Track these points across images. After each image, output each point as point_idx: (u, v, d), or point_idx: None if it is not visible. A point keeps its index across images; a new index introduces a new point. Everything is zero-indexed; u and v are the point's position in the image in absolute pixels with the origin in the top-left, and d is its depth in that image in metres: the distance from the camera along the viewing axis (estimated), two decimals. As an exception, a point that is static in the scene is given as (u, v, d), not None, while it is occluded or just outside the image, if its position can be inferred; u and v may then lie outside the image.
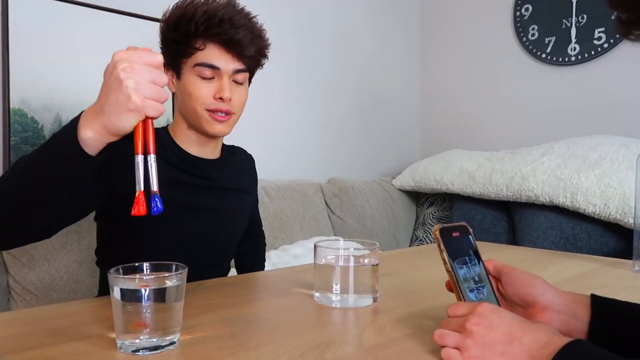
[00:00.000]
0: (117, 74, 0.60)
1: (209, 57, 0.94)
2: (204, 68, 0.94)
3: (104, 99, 0.61)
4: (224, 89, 0.95)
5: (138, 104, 0.60)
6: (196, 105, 0.96)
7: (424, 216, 2.44)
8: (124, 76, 0.60)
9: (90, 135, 0.63)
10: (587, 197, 1.74)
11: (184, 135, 1.02)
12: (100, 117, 0.62)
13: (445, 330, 0.55)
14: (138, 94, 0.60)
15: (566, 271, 1.07)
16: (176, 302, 0.61)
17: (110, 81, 0.61)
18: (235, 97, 0.97)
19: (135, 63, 0.61)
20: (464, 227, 0.64)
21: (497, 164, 2.07)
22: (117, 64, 0.61)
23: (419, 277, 1.01)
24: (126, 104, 0.60)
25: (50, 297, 1.34)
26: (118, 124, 0.61)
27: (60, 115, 1.57)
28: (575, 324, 0.58)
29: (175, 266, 0.63)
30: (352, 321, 0.73)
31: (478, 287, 0.61)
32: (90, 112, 0.64)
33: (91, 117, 0.63)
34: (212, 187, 1.04)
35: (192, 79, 0.96)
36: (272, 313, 0.76)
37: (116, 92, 0.60)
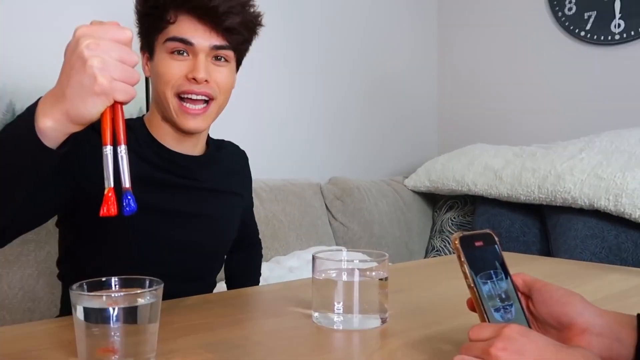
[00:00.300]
0: (80, 52, 0.59)
1: (180, 30, 0.93)
2: (176, 43, 0.93)
3: (65, 82, 0.61)
4: (197, 67, 0.93)
5: (105, 86, 0.60)
6: (165, 88, 0.95)
7: (441, 222, 2.44)
8: (88, 54, 0.59)
9: (49, 124, 0.63)
10: (633, 199, 1.75)
11: (160, 128, 1.01)
12: (61, 103, 0.62)
13: (467, 356, 0.55)
14: (105, 75, 0.59)
15: (608, 287, 1.07)
16: (150, 324, 0.61)
17: (72, 60, 0.60)
18: (215, 78, 0.96)
19: (100, 39, 0.60)
20: (489, 235, 0.64)
21: (528, 161, 2.07)
22: (80, 40, 0.60)
23: (435, 294, 1.02)
24: (91, 86, 0.60)
25: (2, 317, 1.34)
26: (83, 110, 0.61)
27: (13, 103, 1.57)
28: (618, 349, 0.58)
29: (149, 281, 0.63)
30: (357, 346, 0.73)
31: (505, 306, 0.61)
32: (49, 98, 0.63)
33: (51, 104, 0.63)
34: (194, 187, 1.04)
35: (163, 58, 0.95)
36: (263, 336, 0.76)
37: (80, 72, 0.60)
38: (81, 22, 0.63)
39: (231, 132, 1.21)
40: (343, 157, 2.51)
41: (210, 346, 0.70)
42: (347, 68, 2.51)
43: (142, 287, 0.63)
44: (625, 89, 2.27)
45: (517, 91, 2.61)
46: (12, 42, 1.56)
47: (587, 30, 2.37)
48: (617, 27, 2.28)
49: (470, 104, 2.79)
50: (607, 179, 1.82)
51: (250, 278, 1.31)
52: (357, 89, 2.56)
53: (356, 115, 2.57)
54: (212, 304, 0.92)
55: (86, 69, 0.59)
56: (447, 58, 2.87)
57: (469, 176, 2.24)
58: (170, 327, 0.77)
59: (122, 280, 0.64)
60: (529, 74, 2.57)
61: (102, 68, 0.59)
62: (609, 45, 2.31)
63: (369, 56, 2.60)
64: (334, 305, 0.78)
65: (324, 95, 2.44)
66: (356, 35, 2.54)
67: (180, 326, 0.78)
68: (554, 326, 0.62)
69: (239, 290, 1.08)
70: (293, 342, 0.74)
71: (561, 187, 1.91)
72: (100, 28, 0.61)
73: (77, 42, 0.60)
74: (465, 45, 2.80)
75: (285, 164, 2.29)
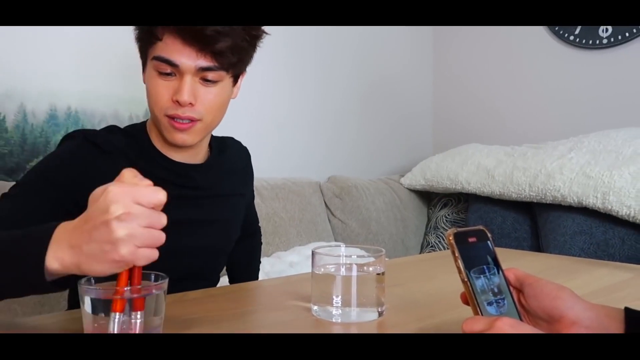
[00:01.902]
0: (107, 220, 0.54)
1: (166, 50, 0.87)
2: (162, 63, 0.88)
3: (85, 237, 0.56)
4: (181, 90, 0.87)
5: (127, 258, 0.55)
6: (154, 107, 0.91)
7: (436, 219, 2.44)
8: (116, 226, 0.54)
9: (55, 266, 0.58)
10: (620, 197, 1.74)
11: (158, 137, 0.98)
12: (75, 255, 0.57)
13: (460, 348, 0.55)
14: (129, 246, 0.55)
15: (596, 281, 1.07)
16: (155, 317, 0.60)
17: (97, 221, 0.55)
18: (202, 100, 0.90)
19: (132, 207, 0.55)
20: (481, 231, 0.64)
21: (519, 161, 2.07)
22: (111, 207, 0.55)
23: (430, 288, 1.01)
24: (112, 254, 0.55)
25: (14, 311, 1.34)
26: (96, 269, 0.57)
27: (24, 104, 1.56)
28: (607, 341, 0.58)
29: (155, 275, 0.63)
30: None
31: (497, 300, 0.61)
32: (63, 243, 0.58)
33: (64, 250, 0.58)
34: (199, 197, 1.01)
35: (152, 76, 0.91)
36: (264, 329, 0.76)
37: (103, 238, 0.55)
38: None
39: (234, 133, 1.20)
40: (341, 157, 2.51)
41: (213, 338, 0.70)
42: (345, 72, 2.51)
43: (148, 281, 0.62)
44: (612, 91, 2.27)
45: (509, 93, 2.61)
46: (22, 45, 1.56)
47: (576, 35, 2.36)
48: (604, 32, 2.28)
49: (464, 105, 2.79)
50: (595, 177, 1.82)
51: (251, 265, 1.30)
52: (355, 92, 2.56)
53: (354, 116, 2.56)
54: (215, 297, 0.92)
55: (111, 239, 0.55)
56: (442, 62, 2.87)
57: (462, 175, 2.23)
58: (175, 320, 0.76)
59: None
60: (520, 77, 2.57)
61: (127, 241, 0.55)
62: (597, 50, 2.31)
63: (366, 61, 2.59)
64: (333, 299, 0.78)
65: (323, 97, 2.44)
66: (354, 40, 2.53)
67: (184, 319, 0.78)
68: (544, 319, 0.62)
69: (241, 285, 1.08)
70: (293, 335, 0.74)
71: (551, 186, 1.91)
72: (133, 191, 0.56)
73: (107, 207, 0.55)
74: (459, 50, 2.79)
75: (286, 163, 2.28)
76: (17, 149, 1.56)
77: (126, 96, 1.75)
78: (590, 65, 2.34)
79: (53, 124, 1.62)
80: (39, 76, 1.59)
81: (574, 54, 2.38)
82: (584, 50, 2.35)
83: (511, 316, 0.59)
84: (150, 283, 0.62)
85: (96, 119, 1.69)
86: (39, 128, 1.59)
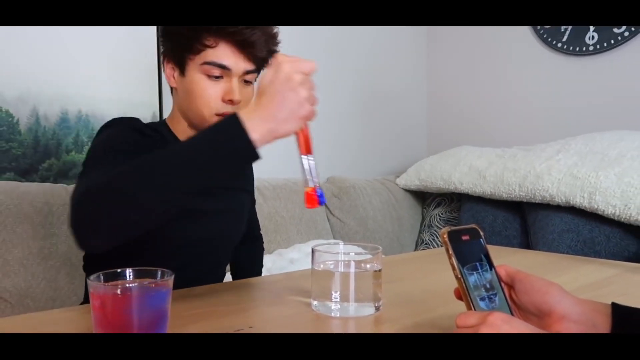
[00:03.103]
0: (293, 87, 0.69)
1: (219, 56, 0.94)
2: (213, 67, 0.94)
3: (276, 107, 0.69)
4: (233, 91, 0.95)
5: (310, 112, 0.71)
6: (203, 108, 0.96)
7: (430, 218, 2.44)
8: (300, 90, 0.69)
9: (256, 137, 0.69)
10: (606, 197, 1.74)
11: (185, 134, 1.02)
12: (269, 123, 0.69)
13: (454, 341, 0.55)
14: (310, 103, 0.71)
15: (583, 277, 1.07)
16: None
17: (284, 91, 0.69)
18: (245, 99, 0.98)
19: (302, 74, 0.70)
20: (474, 229, 0.64)
21: (510, 162, 2.07)
22: (293, 77, 0.69)
23: (425, 284, 1.01)
24: (300, 111, 0.70)
25: (27, 305, 1.33)
26: (288, 129, 0.71)
27: (36, 107, 1.56)
28: (594, 335, 0.58)
29: (161, 272, 0.63)
30: (352, 331, 0.72)
31: (489, 295, 0.61)
32: (255, 118, 0.69)
33: (259, 122, 0.69)
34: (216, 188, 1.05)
35: (198, 78, 0.95)
36: (266, 323, 0.76)
37: (293, 100, 0.69)
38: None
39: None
40: (340, 159, 2.51)
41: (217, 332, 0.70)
42: (344, 80, 2.51)
43: (154, 278, 0.62)
44: (598, 95, 2.27)
45: (500, 98, 2.61)
46: (36, 52, 1.55)
47: (563, 41, 2.36)
48: (591, 39, 2.27)
49: (456, 109, 2.79)
50: (582, 178, 1.82)
51: (254, 269, 1.31)
52: (353, 98, 2.56)
53: (352, 121, 2.56)
54: (219, 293, 0.92)
55: (299, 99, 0.69)
56: (436, 70, 2.87)
57: (455, 175, 2.23)
58: (180, 314, 0.76)
59: (136, 272, 0.63)
60: (510, 82, 2.57)
61: (308, 99, 0.70)
62: (584, 56, 2.31)
63: (364, 70, 2.59)
64: (332, 294, 0.77)
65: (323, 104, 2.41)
66: (355, 50, 2.53)
67: (189, 314, 0.77)
68: (534, 313, 0.62)
69: (243, 280, 1.07)
70: (294, 328, 0.74)
71: (540, 186, 1.91)
72: (299, 63, 0.71)
73: (289, 77, 0.69)
74: (452, 58, 2.79)
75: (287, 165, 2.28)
76: (30, 151, 1.55)
77: (134, 100, 1.75)
78: (577, 70, 2.33)
79: (64, 127, 1.62)
80: (51, 81, 1.58)
81: (561, 60, 2.38)
82: (571, 57, 2.35)
83: (503, 311, 0.59)
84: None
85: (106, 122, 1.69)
86: (50, 131, 1.59)
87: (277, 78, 0.70)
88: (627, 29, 2.17)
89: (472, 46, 2.69)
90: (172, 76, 1.01)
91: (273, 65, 0.71)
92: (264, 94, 0.70)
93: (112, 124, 0.98)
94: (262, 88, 0.71)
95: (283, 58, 0.71)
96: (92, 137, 1.66)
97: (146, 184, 0.68)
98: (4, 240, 1.32)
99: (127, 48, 1.72)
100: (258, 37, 0.94)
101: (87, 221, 0.70)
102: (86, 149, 1.65)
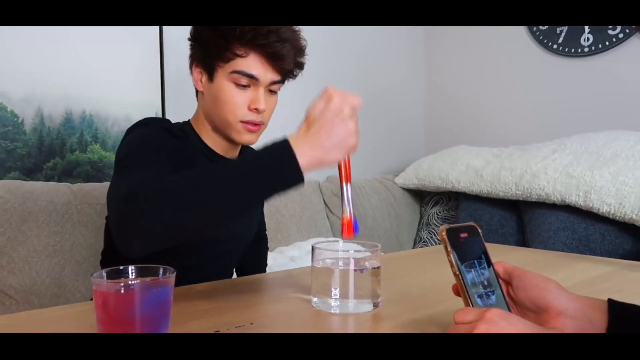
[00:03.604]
0: (343, 118, 0.71)
1: (249, 66, 0.95)
2: (242, 76, 0.95)
3: (324, 137, 0.71)
4: (260, 100, 0.97)
5: (356, 144, 0.73)
6: (229, 115, 0.97)
7: (428, 216, 2.43)
8: (349, 122, 0.72)
9: (303, 163, 0.70)
10: (601, 195, 1.74)
11: (209, 137, 1.04)
12: (316, 151, 0.71)
13: (452, 337, 0.54)
14: (357, 135, 0.73)
15: (579, 274, 1.07)
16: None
17: (334, 122, 0.71)
18: (269, 108, 1.00)
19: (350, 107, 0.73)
20: (472, 227, 0.64)
21: (506, 161, 2.07)
22: (344, 109, 0.72)
23: (423, 281, 1.01)
24: (347, 142, 0.72)
25: (32, 302, 1.33)
26: (334, 157, 0.72)
27: (41, 108, 1.55)
28: (590, 330, 0.58)
29: (163, 270, 0.62)
30: (352, 328, 0.72)
31: (487, 292, 0.60)
32: (304, 145, 0.71)
33: (307, 149, 0.71)
34: None
35: (226, 86, 0.97)
36: (267, 319, 0.76)
37: (341, 132, 0.71)
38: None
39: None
40: (339, 158, 2.50)
41: (218, 329, 0.69)
42: (344, 81, 2.50)
43: (157, 276, 0.62)
44: (593, 96, 2.27)
45: (497, 98, 2.60)
46: (40, 54, 1.55)
47: (559, 43, 2.36)
48: (586, 40, 2.27)
49: (453, 110, 2.78)
50: (577, 177, 1.81)
51: (259, 267, 1.32)
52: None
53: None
54: (220, 290, 0.92)
55: (348, 131, 0.72)
56: (433, 71, 2.86)
57: (453, 174, 2.23)
58: (182, 311, 0.76)
59: (138, 269, 0.63)
60: (507, 83, 2.56)
61: (355, 131, 0.73)
62: (579, 57, 2.31)
63: (363, 71, 2.58)
64: (331, 291, 0.77)
65: (322, 101, 2.43)
66: (352, 49, 2.53)
67: (191, 310, 0.77)
68: (531, 310, 0.61)
69: (244, 278, 1.07)
70: (294, 325, 0.73)
71: (536, 185, 1.91)
72: (350, 98, 0.74)
73: (340, 109, 0.72)
74: (449, 60, 2.79)
75: (288, 163, 2.28)
76: (35, 151, 1.55)
77: (137, 101, 1.74)
78: (572, 72, 2.33)
79: (69, 127, 1.61)
80: (55, 82, 1.58)
81: (557, 61, 2.38)
82: (567, 58, 2.34)
83: (500, 307, 0.59)
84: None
85: (109, 122, 1.69)
86: (55, 131, 1.59)
87: (327, 109, 0.72)
88: (622, 31, 2.17)
89: (470, 47, 2.69)
90: (199, 80, 1.02)
91: (324, 97, 0.73)
92: (314, 123, 0.72)
93: (144, 123, 0.99)
94: (312, 117, 0.72)
95: (334, 91, 0.73)
96: (95, 136, 1.66)
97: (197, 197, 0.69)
98: (9, 238, 1.32)
99: (131, 50, 1.72)
100: (288, 51, 0.96)
101: (133, 223, 0.69)
102: (90, 149, 1.64)
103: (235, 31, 0.93)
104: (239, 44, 0.94)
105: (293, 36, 0.97)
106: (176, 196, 0.69)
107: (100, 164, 1.67)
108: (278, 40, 0.94)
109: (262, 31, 0.93)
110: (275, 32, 0.94)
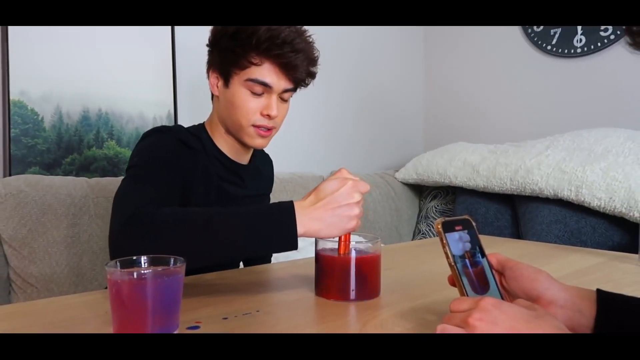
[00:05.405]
0: (351, 203, 0.73)
1: (263, 74, 0.95)
2: (256, 84, 0.96)
3: (329, 214, 0.73)
4: (272, 107, 0.97)
5: (355, 227, 0.75)
6: (242, 119, 0.98)
7: (426, 209, 2.43)
8: (356, 207, 0.74)
9: (301, 232, 0.73)
10: (592, 190, 1.73)
11: (222, 140, 1.04)
12: (316, 224, 0.73)
13: (448, 325, 0.54)
14: (358, 220, 0.74)
15: (570, 265, 1.06)
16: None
17: (343, 203, 0.73)
18: (280, 114, 1.00)
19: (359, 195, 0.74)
20: (467, 220, 0.64)
21: (501, 157, 2.06)
22: (354, 195, 0.74)
23: (421, 271, 1.01)
24: (349, 225, 0.74)
25: (52, 289, 1.34)
26: (332, 233, 0.74)
27: (60, 106, 1.56)
28: (579, 319, 0.58)
29: (174, 260, 0.62)
30: (353, 316, 0.72)
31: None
32: (305, 216, 0.73)
33: (309, 220, 0.73)
34: (247, 195, 1.08)
35: (241, 92, 0.97)
36: (272, 307, 0.76)
37: (345, 214, 0.73)
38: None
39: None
40: (342, 154, 2.50)
41: (227, 315, 0.70)
42: (345, 79, 2.49)
43: (167, 265, 0.62)
44: (585, 95, 2.25)
45: (493, 97, 2.59)
46: (59, 54, 1.55)
47: (552, 44, 2.34)
48: (579, 42, 2.25)
49: (451, 108, 2.77)
50: (569, 172, 1.80)
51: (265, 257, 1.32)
52: (353, 96, 2.54)
53: (353, 118, 2.55)
54: (228, 279, 0.92)
55: (351, 215, 0.73)
56: (432, 69, 2.85)
57: (450, 170, 2.22)
58: (192, 299, 0.76)
59: (151, 259, 0.63)
60: (503, 82, 2.55)
61: (358, 216, 0.74)
62: (572, 58, 2.29)
63: (363, 69, 2.57)
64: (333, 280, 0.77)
65: (326, 102, 2.43)
66: (353, 48, 2.52)
67: (200, 298, 0.77)
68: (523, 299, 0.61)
69: (251, 268, 1.07)
70: (298, 313, 0.74)
71: (530, 180, 1.90)
72: (361, 185, 0.75)
73: (351, 194, 0.73)
74: (447, 59, 2.77)
75: (293, 159, 2.28)
76: (53, 147, 1.55)
77: (150, 100, 1.74)
78: (565, 72, 2.31)
79: (86, 124, 1.62)
80: (73, 82, 1.58)
81: (550, 61, 2.36)
82: (560, 58, 2.33)
83: (494, 296, 0.59)
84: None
85: (124, 120, 1.69)
86: (73, 128, 1.59)
87: (339, 191, 0.73)
88: (613, 32, 2.15)
89: (467, 48, 2.67)
90: (215, 85, 1.02)
91: (339, 178, 0.75)
92: (324, 198, 0.73)
93: (159, 130, 0.99)
94: (323, 193, 0.74)
95: (348, 175, 0.76)
96: (111, 133, 1.66)
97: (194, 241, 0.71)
98: (29, 230, 1.33)
99: (145, 51, 1.72)
100: (301, 61, 0.96)
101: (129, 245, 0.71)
102: (106, 145, 1.65)
103: (251, 40, 0.93)
104: (254, 53, 0.94)
105: (307, 47, 0.97)
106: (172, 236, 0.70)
107: (115, 159, 1.67)
108: (292, 50, 0.94)
109: (277, 42, 0.93)
110: (289, 43, 0.94)
